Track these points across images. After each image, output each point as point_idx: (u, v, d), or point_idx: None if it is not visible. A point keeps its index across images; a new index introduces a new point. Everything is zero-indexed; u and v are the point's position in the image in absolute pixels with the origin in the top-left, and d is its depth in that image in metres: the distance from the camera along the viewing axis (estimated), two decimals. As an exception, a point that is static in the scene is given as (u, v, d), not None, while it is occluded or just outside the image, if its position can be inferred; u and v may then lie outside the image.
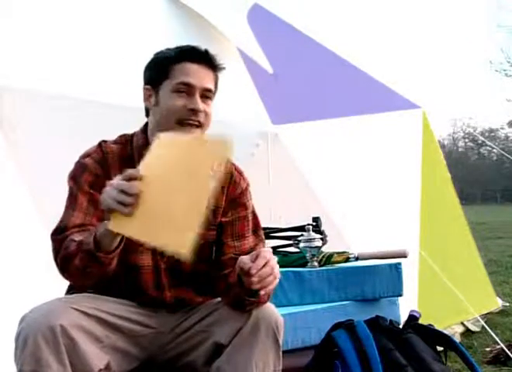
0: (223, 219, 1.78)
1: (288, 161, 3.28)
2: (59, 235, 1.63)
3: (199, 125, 1.69)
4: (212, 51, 1.75)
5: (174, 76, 1.69)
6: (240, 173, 1.83)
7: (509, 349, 3.25)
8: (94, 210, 1.65)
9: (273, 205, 3.10)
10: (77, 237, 1.57)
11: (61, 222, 1.66)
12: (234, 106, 3.25)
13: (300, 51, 3.97)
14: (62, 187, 1.73)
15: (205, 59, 1.72)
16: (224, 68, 1.76)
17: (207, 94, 1.71)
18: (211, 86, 1.73)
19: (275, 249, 2.69)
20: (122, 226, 1.44)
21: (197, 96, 1.69)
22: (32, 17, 2.97)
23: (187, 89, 1.68)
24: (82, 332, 1.54)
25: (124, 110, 2.54)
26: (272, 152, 3.23)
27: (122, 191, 1.42)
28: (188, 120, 1.68)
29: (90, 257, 1.52)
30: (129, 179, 1.44)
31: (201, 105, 1.68)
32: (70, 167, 1.74)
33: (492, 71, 33.14)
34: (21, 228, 2.55)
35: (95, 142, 1.78)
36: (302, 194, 3.27)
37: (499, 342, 3.34)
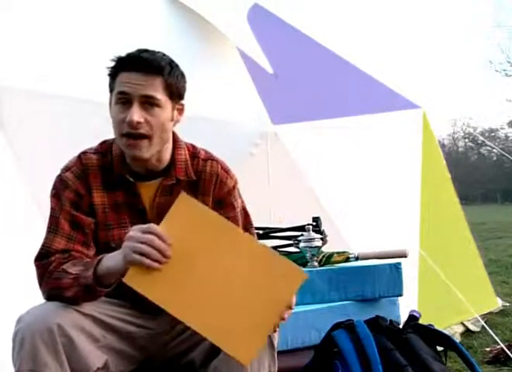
0: None
1: (288, 161, 3.28)
2: (42, 261, 1.62)
3: (144, 137, 1.62)
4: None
5: (116, 87, 1.66)
6: (227, 172, 1.79)
7: (509, 349, 3.25)
8: (76, 234, 1.65)
9: (273, 205, 3.10)
10: (71, 268, 1.56)
11: (43, 246, 1.65)
12: (234, 106, 3.25)
13: (300, 51, 3.97)
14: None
15: (140, 65, 1.63)
16: (171, 70, 1.66)
17: (150, 101, 1.63)
18: (151, 92, 1.62)
19: (274, 249, 2.69)
20: (144, 284, 1.44)
21: (134, 106, 1.61)
22: (32, 17, 2.97)
23: (124, 99, 1.63)
24: (79, 331, 1.55)
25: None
26: (272, 152, 3.23)
27: (149, 244, 1.42)
28: (125, 135, 1.63)
29: (87, 291, 1.53)
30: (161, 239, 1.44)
31: (136, 116, 1.60)
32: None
33: (492, 71, 33.18)
34: (21, 227, 2.55)
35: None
36: (302, 194, 3.27)
37: (499, 342, 3.34)
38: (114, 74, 1.66)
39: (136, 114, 1.61)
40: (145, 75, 1.63)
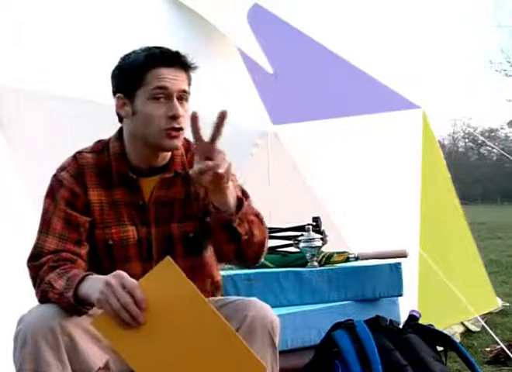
0: (206, 201, 1.74)
1: (288, 161, 3.28)
2: (35, 262, 1.63)
3: (181, 129, 1.68)
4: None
5: (149, 82, 1.66)
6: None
7: (509, 349, 3.24)
8: (69, 233, 1.65)
9: (273, 205, 3.09)
10: (56, 282, 1.55)
11: (35, 247, 1.65)
12: (234, 106, 3.25)
13: (300, 51, 3.97)
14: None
15: (177, 61, 1.69)
16: (197, 67, 1.73)
17: (183, 96, 1.69)
18: (185, 87, 1.69)
19: (274, 249, 2.69)
20: (111, 332, 1.44)
21: (175, 100, 1.66)
22: (32, 17, 2.97)
23: (163, 94, 1.65)
24: (81, 331, 1.55)
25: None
26: (272, 152, 3.23)
27: (123, 306, 1.41)
28: (170, 129, 1.66)
29: (71, 309, 1.52)
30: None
31: (180, 110, 1.66)
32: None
33: (493, 71, 33.19)
34: (20, 228, 2.55)
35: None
36: (302, 194, 3.27)
37: (499, 342, 3.34)
38: (145, 68, 1.67)
39: (180, 108, 1.66)
40: (179, 70, 1.69)
